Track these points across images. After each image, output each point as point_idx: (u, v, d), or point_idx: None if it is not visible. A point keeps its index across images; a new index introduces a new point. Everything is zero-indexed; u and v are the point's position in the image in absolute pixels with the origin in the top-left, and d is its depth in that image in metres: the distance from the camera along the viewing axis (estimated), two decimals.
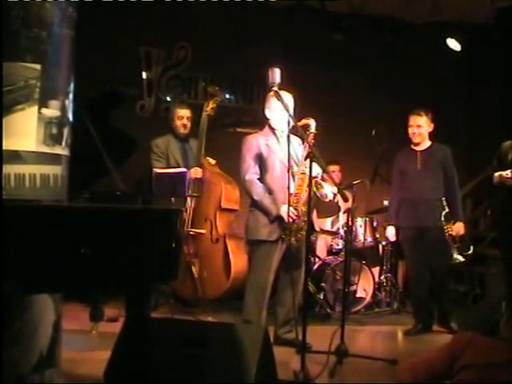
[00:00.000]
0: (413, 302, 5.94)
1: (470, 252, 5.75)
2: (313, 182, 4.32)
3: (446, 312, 5.66)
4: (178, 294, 5.92)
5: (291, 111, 4.56)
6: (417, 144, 5.65)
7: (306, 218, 4.46)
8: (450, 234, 5.48)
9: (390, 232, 5.78)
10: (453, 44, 7.45)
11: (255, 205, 4.80)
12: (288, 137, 4.47)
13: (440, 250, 5.53)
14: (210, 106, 5.86)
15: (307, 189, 4.35)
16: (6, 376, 2.92)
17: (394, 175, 5.84)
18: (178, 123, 6.02)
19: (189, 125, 6.05)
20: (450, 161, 5.64)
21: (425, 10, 7.08)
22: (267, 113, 4.88)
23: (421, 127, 5.60)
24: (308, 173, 4.19)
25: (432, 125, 5.64)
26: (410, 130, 5.63)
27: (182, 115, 6.04)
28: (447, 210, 5.46)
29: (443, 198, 5.48)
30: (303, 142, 4.64)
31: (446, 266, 5.64)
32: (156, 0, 6.66)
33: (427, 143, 5.67)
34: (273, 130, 4.86)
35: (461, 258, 5.54)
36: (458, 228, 5.51)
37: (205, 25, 7.11)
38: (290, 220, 4.61)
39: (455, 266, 5.83)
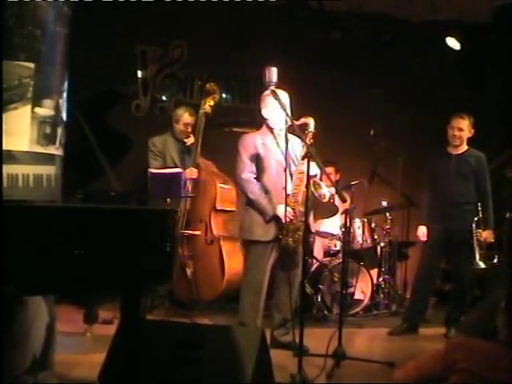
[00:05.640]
0: (411, 298, 5.94)
1: (494, 261, 5.70)
2: (311, 181, 4.28)
3: (456, 317, 5.64)
4: (174, 297, 5.87)
5: (288, 110, 4.53)
6: (454, 147, 5.62)
7: (303, 219, 4.40)
8: (478, 240, 5.51)
9: (422, 231, 5.72)
10: (452, 43, 7.42)
11: (250, 204, 4.76)
12: (285, 135, 4.44)
13: (465, 254, 5.57)
14: (207, 104, 5.74)
15: (305, 189, 4.31)
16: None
17: (425, 176, 5.81)
18: (183, 129, 5.95)
19: (190, 130, 5.99)
20: (483, 168, 5.63)
21: (423, 9, 7.06)
22: (264, 112, 4.82)
23: (462, 130, 5.56)
24: (306, 172, 4.15)
25: (472, 130, 5.60)
26: (451, 132, 5.58)
27: (189, 122, 5.95)
28: (480, 215, 5.50)
29: (479, 204, 5.52)
30: (302, 141, 4.60)
31: (469, 269, 5.63)
32: None
33: (464, 148, 5.64)
34: (271, 129, 4.81)
35: (482, 265, 5.55)
36: (487, 235, 5.55)
37: (201, 23, 7.07)
38: (288, 220, 4.57)
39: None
